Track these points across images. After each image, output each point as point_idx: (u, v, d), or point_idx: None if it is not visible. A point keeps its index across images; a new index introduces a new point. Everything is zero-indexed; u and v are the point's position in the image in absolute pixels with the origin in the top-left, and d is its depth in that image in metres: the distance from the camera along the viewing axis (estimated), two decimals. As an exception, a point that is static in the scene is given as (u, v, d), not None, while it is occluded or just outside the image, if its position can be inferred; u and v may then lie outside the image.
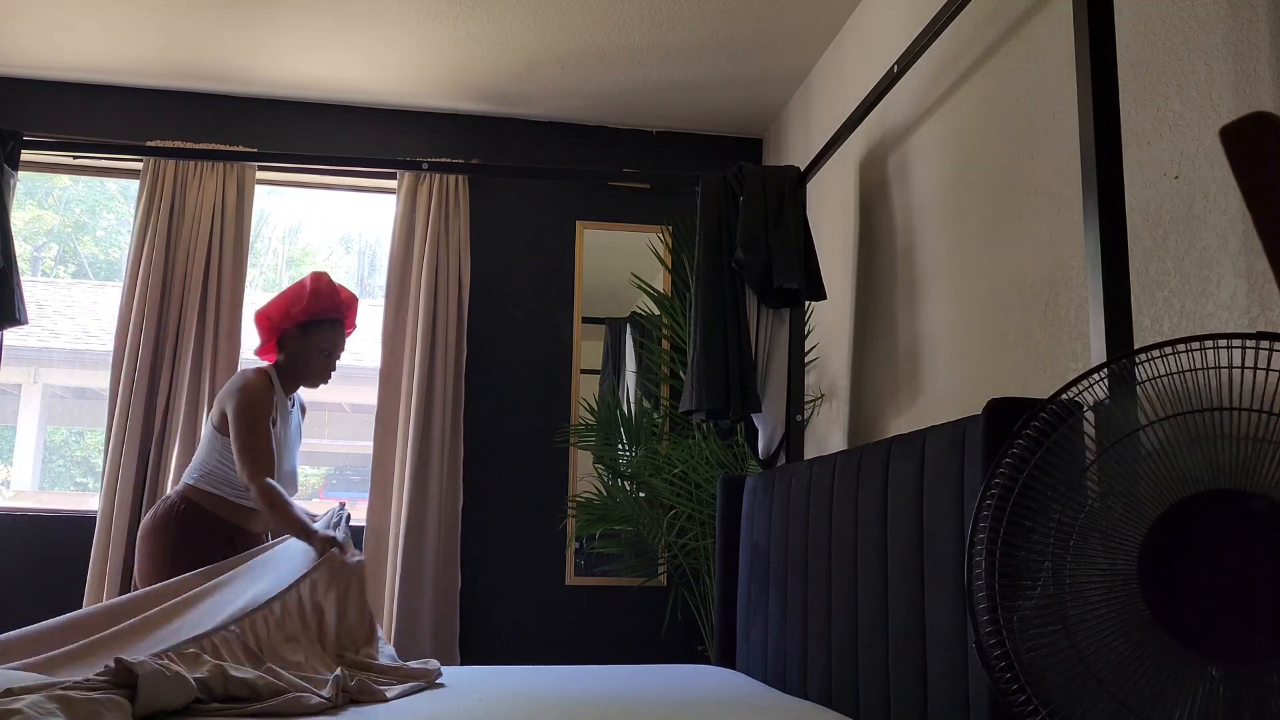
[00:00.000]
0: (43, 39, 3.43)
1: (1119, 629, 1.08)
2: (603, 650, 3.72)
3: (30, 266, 6.67)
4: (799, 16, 3.21)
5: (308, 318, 2.72)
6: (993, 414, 1.48)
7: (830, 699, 2.05)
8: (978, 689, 1.47)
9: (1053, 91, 2.02)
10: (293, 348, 2.74)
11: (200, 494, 2.64)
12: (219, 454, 2.65)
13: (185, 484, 2.67)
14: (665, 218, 4.00)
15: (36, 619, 3.46)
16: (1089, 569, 1.12)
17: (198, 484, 2.65)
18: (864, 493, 1.95)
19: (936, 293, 2.48)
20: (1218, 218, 1.54)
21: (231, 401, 2.61)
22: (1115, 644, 1.08)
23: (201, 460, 2.68)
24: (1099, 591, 1.10)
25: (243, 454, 2.55)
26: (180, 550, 2.57)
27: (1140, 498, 1.10)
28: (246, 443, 2.55)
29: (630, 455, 3.51)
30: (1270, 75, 1.46)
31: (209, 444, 2.68)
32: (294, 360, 2.74)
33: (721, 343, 2.74)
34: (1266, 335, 1.05)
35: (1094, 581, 1.11)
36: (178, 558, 2.56)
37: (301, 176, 3.91)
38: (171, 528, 2.59)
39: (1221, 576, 1.04)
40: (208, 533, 2.61)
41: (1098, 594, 1.10)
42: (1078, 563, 1.12)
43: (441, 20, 3.27)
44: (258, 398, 2.61)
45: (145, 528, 2.65)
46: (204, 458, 2.68)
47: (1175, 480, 1.09)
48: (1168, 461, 1.10)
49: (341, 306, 2.78)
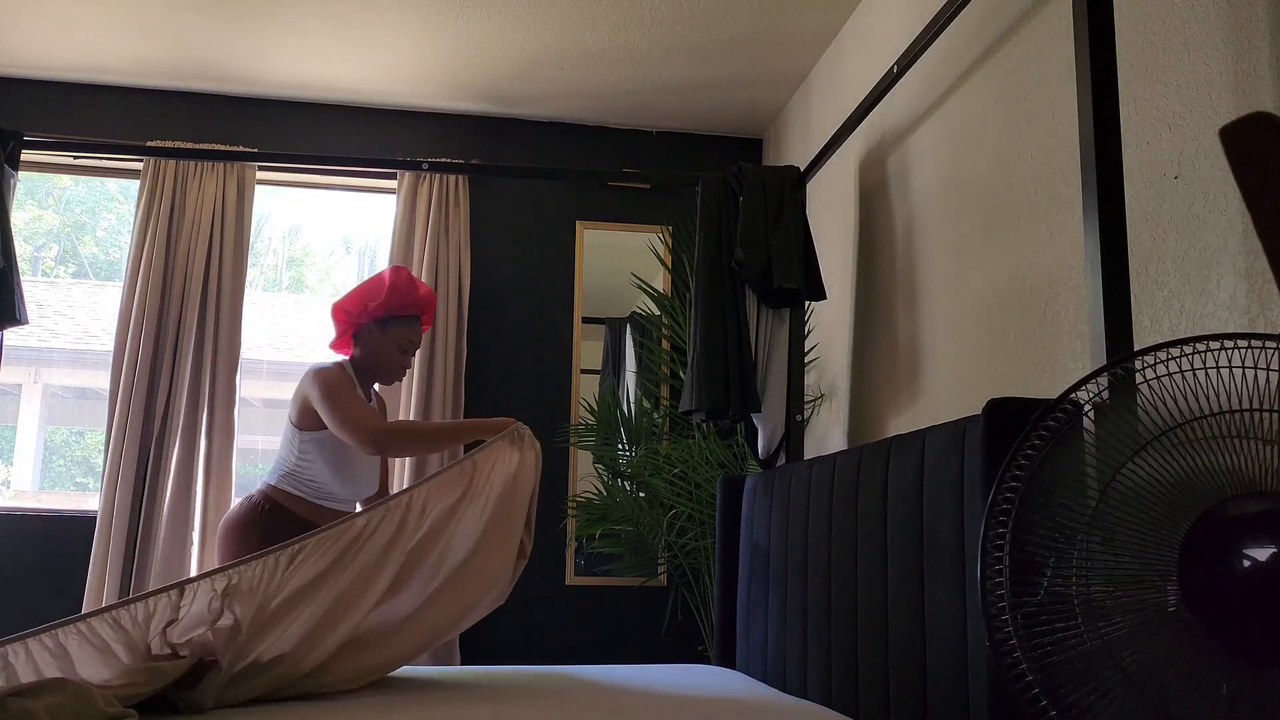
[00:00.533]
0: (43, 39, 3.43)
1: (1152, 628, 1.07)
2: (603, 650, 3.71)
3: (30, 266, 6.67)
4: (799, 16, 3.21)
5: (385, 313, 2.63)
6: (993, 414, 1.48)
7: (830, 699, 2.05)
8: (978, 689, 1.47)
9: (1053, 91, 2.02)
10: (370, 343, 2.65)
11: (281, 494, 2.58)
12: (297, 452, 2.58)
13: (266, 484, 2.62)
14: (665, 218, 4.00)
15: (36, 619, 3.46)
16: (1128, 571, 1.10)
17: (278, 484, 2.59)
18: (864, 493, 1.95)
19: (936, 293, 2.48)
20: (1218, 218, 1.54)
21: (313, 390, 2.50)
22: (1150, 644, 1.07)
23: (280, 460, 2.62)
24: (1139, 594, 1.09)
25: (344, 426, 2.42)
26: (256, 550, 2.51)
27: (1176, 498, 1.09)
28: (340, 414, 2.42)
29: (630, 455, 3.51)
30: (1270, 75, 1.46)
31: (287, 443, 2.61)
32: (370, 355, 2.65)
33: (721, 343, 2.74)
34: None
35: (1133, 583, 1.10)
36: (236, 554, 2.50)
37: (301, 177, 3.91)
38: (257, 526, 2.53)
39: (1255, 577, 1.03)
40: (289, 533, 2.49)
41: (1138, 597, 1.09)
42: (1115, 564, 1.11)
43: (441, 20, 3.27)
44: (337, 379, 2.52)
45: (226, 525, 2.60)
46: (282, 457, 2.62)
47: (1212, 482, 1.08)
48: (1206, 462, 1.09)
49: (420, 302, 2.69)
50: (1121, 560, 1.11)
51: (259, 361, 5.01)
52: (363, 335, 2.66)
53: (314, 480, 2.57)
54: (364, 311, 2.62)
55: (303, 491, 2.58)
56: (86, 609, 3.33)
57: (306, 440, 2.56)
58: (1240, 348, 1.08)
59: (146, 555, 3.39)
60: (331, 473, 2.57)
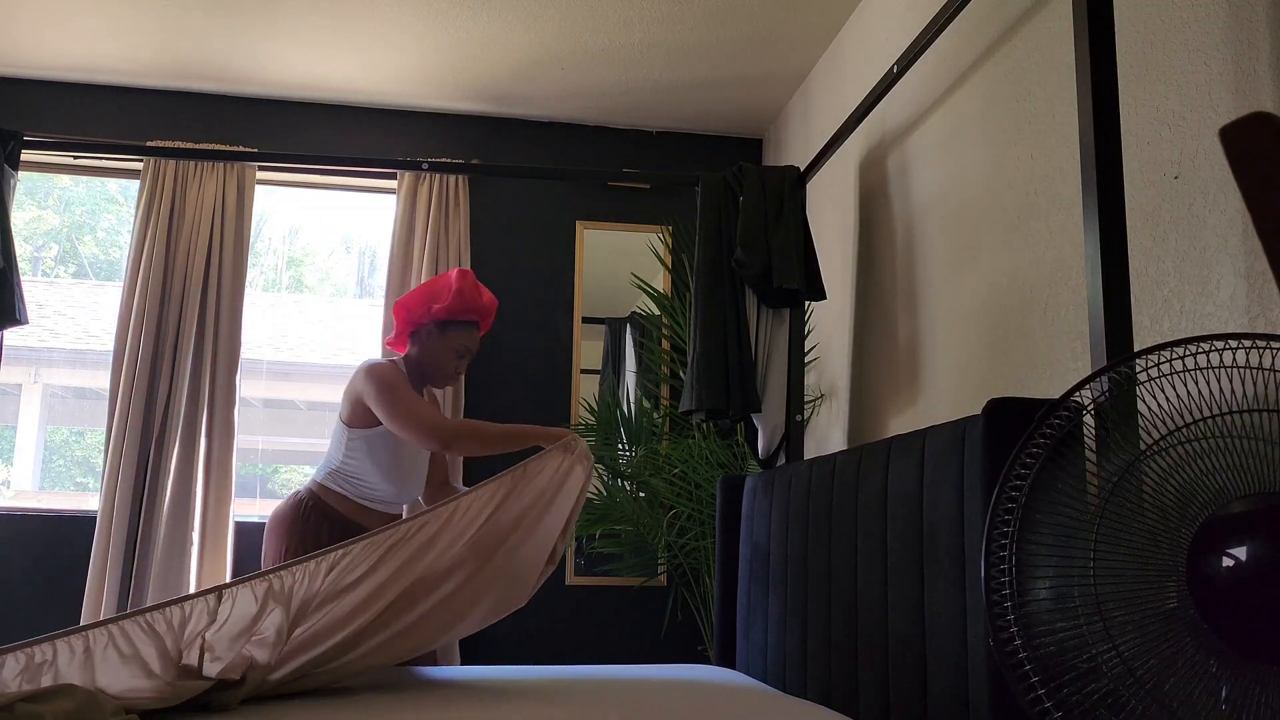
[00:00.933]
0: (43, 39, 3.43)
1: (1157, 628, 1.07)
2: (603, 650, 3.71)
3: (30, 266, 6.67)
4: (799, 16, 3.21)
5: (448, 316, 2.58)
6: (993, 414, 1.48)
7: (830, 699, 2.05)
8: (978, 689, 1.47)
9: (1053, 91, 2.02)
10: (428, 344, 2.61)
11: (325, 491, 2.55)
12: (345, 450, 2.54)
13: (313, 481, 2.60)
14: (665, 218, 4.00)
15: (36, 619, 3.47)
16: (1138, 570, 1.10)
17: (323, 482, 2.56)
18: (864, 493, 1.95)
19: (936, 292, 2.48)
20: (1218, 218, 1.54)
21: (367, 387, 2.46)
22: (1155, 644, 1.07)
23: (328, 458, 2.60)
24: (1137, 590, 1.09)
25: (407, 421, 2.38)
26: (298, 548, 2.49)
27: (1180, 499, 1.09)
28: (401, 409, 2.38)
29: (630, 455, 3.51)
30: (1270, 75, 1.46)
31: (335, 441, 2.58)
32: (427, 357, 2.62)
33: (721, 343, 2.74)
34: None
35: (1142, 583, 1.10)
36: (298, 552, 2.48)
37: (301, 177, 3.91)
38: (297, 523, 2.52)
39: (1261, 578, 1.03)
40: (332, 532, 2.51)
41: (1136, 593, 1.09)
42: (1108, 560, 1.11)
43: (441, 20, 3.27)
44: (394, 375, 2.48)
45: (272, 520, 2.59)
46: (330, 455, 2.59)
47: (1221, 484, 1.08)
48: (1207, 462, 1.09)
49: (483, 309, 2.65)
50: (1125, 561, 1.11)
51: (259, 361, 5.01)
52: (421, 335, 2.62)
53: (359, 479, 2.55)
54: (426, 311, 2.58)
55: (347, 490, 2.55)
56: (86, 609, 3.33)
57: (355, 438, 2.53)
58: (1245, 348, 1.08)
59: (146, 555, 3.39)
60: (379, 473, 2.55)
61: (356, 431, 2.52)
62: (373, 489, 2.56)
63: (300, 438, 5.85)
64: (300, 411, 5.74)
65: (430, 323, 2.60)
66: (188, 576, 3.40)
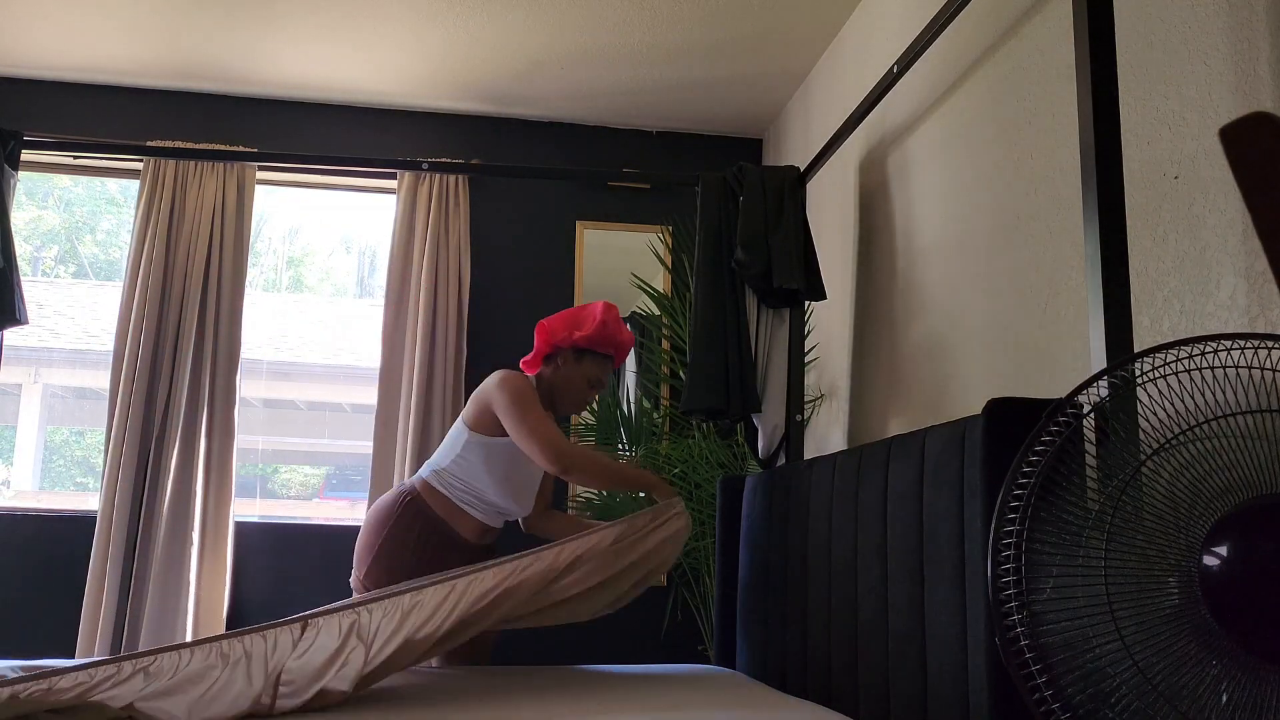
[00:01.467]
0: (43, 39, 3.43)
1: (1163, 628, 1.07)
2: (603, 650, 3.71)
3: (30, 266, 6.67)
4: (799, 16, 3.21)
5: (587, 345, 2.61)
6: (993, 414, 1.48)
7: (830, 699, 2.05)
8: (978, 689, 1.47)
9: (1053, 91, 2.02)
10: (563, 369, 2.63)
11: (428, 489, 2.56)
12: (460, 451, 2.54)
13: (418, 478, 2.60)
14: (665, 218, 4.00)
15: (36, 619, 3.47)
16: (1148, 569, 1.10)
17: (428, 480, 2.57)
18: (864, 493, 1.95)
19: (936, 293, 2.48)
20: (1218, 218, 1.54)
21: (500, 396, 2.47)
22: (1162, 643, 1.07)
23: (438, 457, 2.60)
24: (1144, 590, 1.09)
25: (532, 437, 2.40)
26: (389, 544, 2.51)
27: (1193, 498, 1.09)
28: (530, 425, 2.41)
29: (630, 455, 3.51)
30: (1270, 75, 1.46)
31: (451, 442, 2.58)
32: (559, 381, 2.64)
33: (721, 343, 2.74)
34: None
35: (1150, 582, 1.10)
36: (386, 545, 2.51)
37: (301, 176, 3.92)
38: (392, 516, 2.53)
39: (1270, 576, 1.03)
40: (423, 530, 2.52)
41: (1143, 593, 1.09)
42: (1119, 558, 1.11)
43: (442, 20, 3.27)
44: (529, 391, 2.49)
45: (372, 510, 2.61)
46: (441, 454, 2.59)
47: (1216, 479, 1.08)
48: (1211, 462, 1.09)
49: (622, 345, 2.67)
50: (1136, 561, 1.11)
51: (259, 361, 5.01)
52: (557, 359, 2.64)
53: (467, 483, 2.54)
54: (567, 337, 2.61)
55: (449, 492, 2.54)
56: (86, 609, 3.33)
57: (474, 442, 2.52)
58: (1251, 348, 1.08)
59: (146, 555, 3.39)
60: (490, 481, 2.54)
61: (477, 437, 2.52)
62: (477, 496, 2.55)
63: (300, 438, 5.85)
64: (300, 411, 5.74)
65: (569, 349, 2.62)
66: (188, 576, 3.40)
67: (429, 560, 2.49)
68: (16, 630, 3.46)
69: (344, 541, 3.66)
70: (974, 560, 1.51)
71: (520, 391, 2.47)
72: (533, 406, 2.45)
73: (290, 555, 3.65)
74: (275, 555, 3.64)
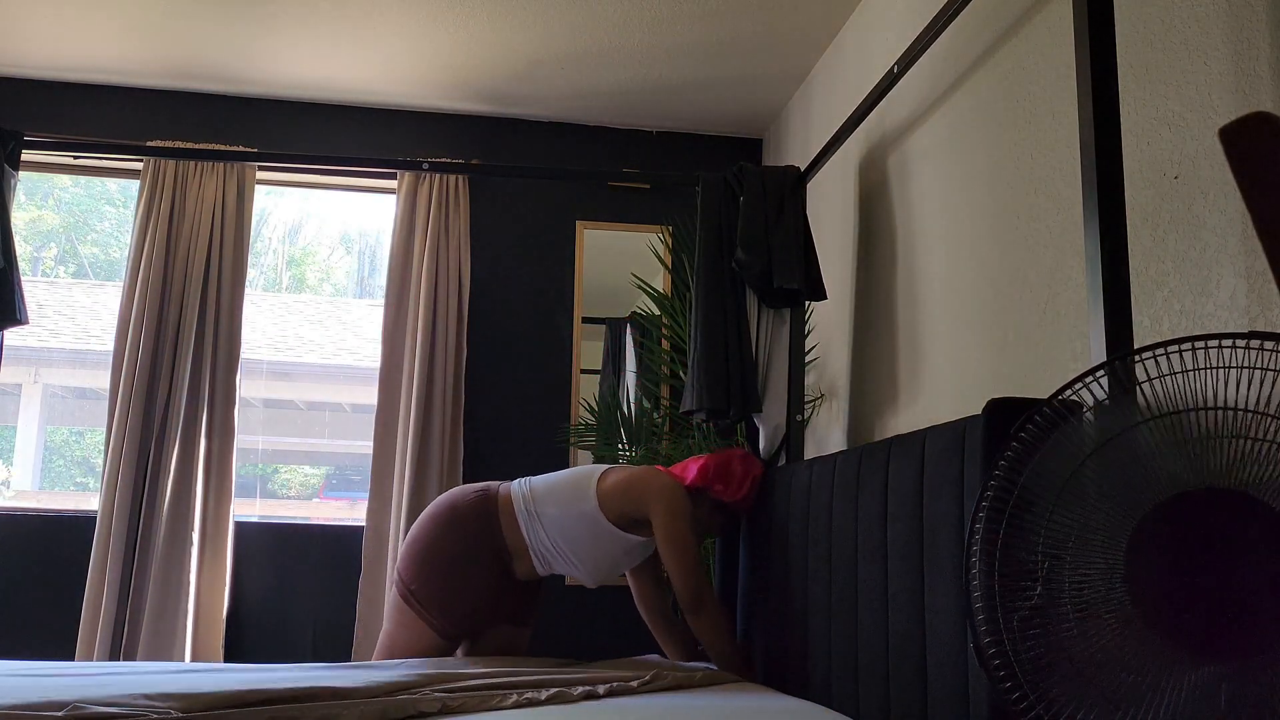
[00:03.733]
0: (43, 39, 3.43)
1: (1110, 629, 1.09)
2: (603, 650, 3.71)
3: (30, 266, 6.67)
4: (799, 16, 3.21)
5: (730, 502, 2.60)
6: (993, 414, 1.48)
7: (830, 699, 2.05)
8: (978, 689, 1.47)
9: (1053, 91, 2.02)
10: (701, 507, 2.59)
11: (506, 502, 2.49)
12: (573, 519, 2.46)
13: (506, 485, 2.54)
14: (665, 218, 4.00)
15: (36, 619, 3.47)
16: (1086, 569, 1.12)
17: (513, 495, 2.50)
18: (864, 493, 1.95)
19: (936, 293, 2.48)
20: (1218, 218, 1.54)
21: (660, 504, 2.45)
22: (1107, 643, 1.08)
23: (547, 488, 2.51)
24: (1095, 592, 1.10)
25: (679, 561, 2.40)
26: (443, 541, 2.45)
27: (1130, 496, 1.10)
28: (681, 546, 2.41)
29: (630, 455, 3.51)
30: (1270, 75, 1.46)
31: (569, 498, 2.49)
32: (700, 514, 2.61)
33: (721, 343, 2.74)
34: (1259, 335, 1.06)
35: (1090, 581, 1.11)
36: (434, 544, 2.45)
37: (301, 176, 3.91)
38: (451, 517, 2.48)
39: (1211, 575, 1.04)
40: (479, 540, 2.45)
41: (1094, 594, 1.11)
42: (1076, 563, 1.12)
43: (441, 20, 3.27)
44: (686, 508, 2.47)
45: (433, 507, 2.54)
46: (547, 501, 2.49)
47: (1163, 479, 1.09)
48: (1157, 461, 1.10)
49: (746, 510, 2.66)
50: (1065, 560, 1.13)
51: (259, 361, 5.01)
52: (698, 498, 2.59)
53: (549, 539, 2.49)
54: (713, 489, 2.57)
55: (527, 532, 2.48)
56: (86, 609, 3.33)
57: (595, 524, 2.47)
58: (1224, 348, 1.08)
59: (146, 555, 3.39)
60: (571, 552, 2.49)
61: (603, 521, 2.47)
62: (548, 553, 2.50)
63: (300, 438, 5.85)
64: (300, 411, 5.74)
65: (713, 495, 2.59)
66: (188, 577, 3.40)
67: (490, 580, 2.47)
68: (16, 630, 3.46)
69: (344, 542, 3.66)
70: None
71: (681, 509, 2.46)
72: (688, 527, 2.44)
73: (290, 555, 3.65)
74: (275, 555, 3.64)
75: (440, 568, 2.45)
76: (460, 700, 1.82)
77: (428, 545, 2.49)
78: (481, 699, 1.84)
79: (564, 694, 1.92)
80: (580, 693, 1.94)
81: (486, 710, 1.79)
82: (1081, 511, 1.13)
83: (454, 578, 2.45)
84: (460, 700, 1.82)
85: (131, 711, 1.56)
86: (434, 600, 2.43)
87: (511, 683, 1.99)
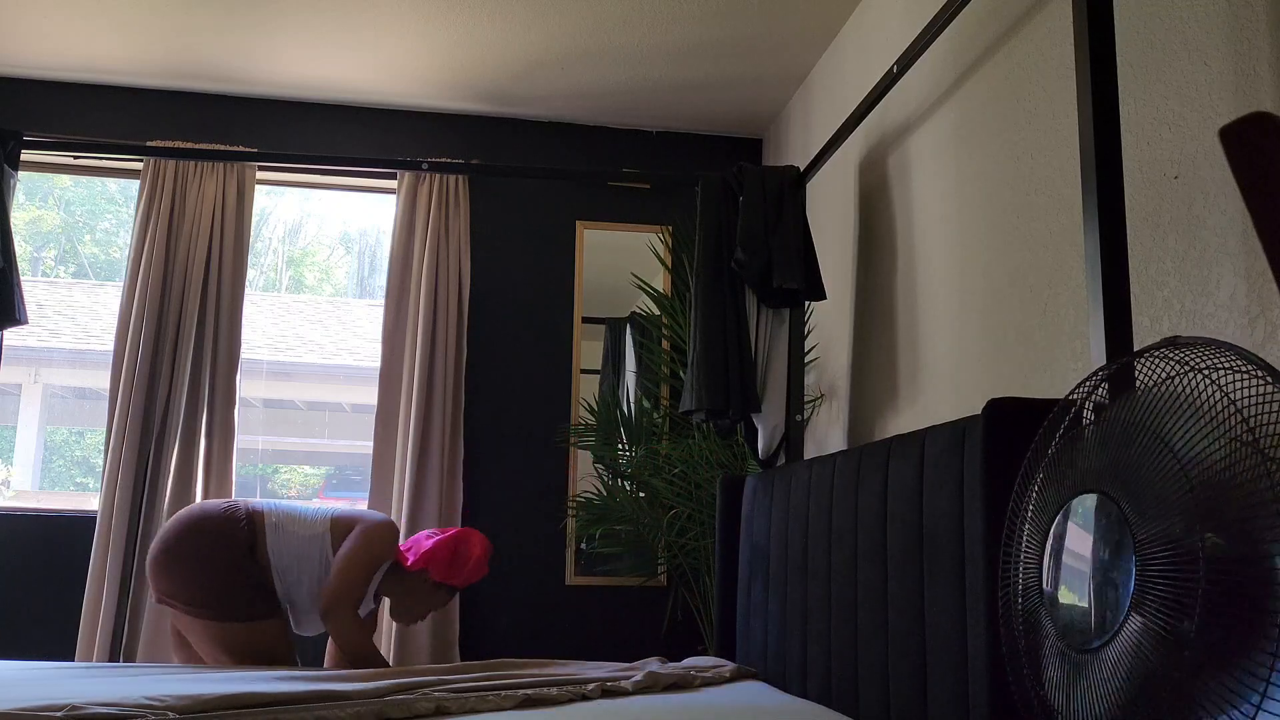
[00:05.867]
0: (43, 39, 3.43)
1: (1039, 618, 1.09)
2: (603, 650, 3.71)
3: (30, 266, 6.67)
4: (799, 16, 3.21)
5: (451, 584, 2.81)
6: (993, 414, 1.48)
7: (830, 699, 2.05)
8: (978, 689, 1.47)
9: (1053, 91, 2.02)
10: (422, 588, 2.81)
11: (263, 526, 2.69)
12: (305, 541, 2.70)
13: (255, 508, 2.71)
14: (665, 218, 4.00)
15: (36, 619, 3.47)
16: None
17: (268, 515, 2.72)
18: (864, 493, 1.95)
19: (936, 293, 2.48)
20: (1218, 218, 1.54)
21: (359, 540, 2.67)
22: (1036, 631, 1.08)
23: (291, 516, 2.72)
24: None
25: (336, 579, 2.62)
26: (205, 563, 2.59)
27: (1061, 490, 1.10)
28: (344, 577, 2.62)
29: (630, 455, 3.51)
30: (1270, 75, 1.46)
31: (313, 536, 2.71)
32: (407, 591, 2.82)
33: (721, 343, 2.74)
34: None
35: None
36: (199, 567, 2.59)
37: (301, 176, 3.91)
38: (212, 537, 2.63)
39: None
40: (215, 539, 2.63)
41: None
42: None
43: (441, 20, 3.27)
44: (382, 558, 2.69)
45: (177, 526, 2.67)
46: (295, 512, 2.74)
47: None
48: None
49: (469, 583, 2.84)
50: None
51: (259, 361, 5.01)
52: (428, 573, 2.79)
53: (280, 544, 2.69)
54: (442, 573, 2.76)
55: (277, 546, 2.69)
56: (86, 609, 3.33)
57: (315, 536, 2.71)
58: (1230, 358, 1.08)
59: (146, 555, 3.39)
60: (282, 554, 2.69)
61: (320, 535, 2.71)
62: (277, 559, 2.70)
63: (300, 438, 5.85)
64: (300, 411, 5.74)
65: (430, 574, 2.78)
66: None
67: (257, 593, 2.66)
68: (16, 630, 3.46)
69: (344, 541, 3.66)
70: (974, 560, 1.51)
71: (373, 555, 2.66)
72: (367, 570, 2.65)
73: (290, 555, 3.65)
74: (275, 555, 3.64)
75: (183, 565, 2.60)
76: (456, 701, 1.82)
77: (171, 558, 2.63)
78: (478, 700, 1.84)
79: (561, 694, 1.92)
80: (578, 693, 1.94)
81: (483, 711, 1.80)
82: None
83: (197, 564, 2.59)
84: (456, 701, 1.82)
85: (130, 713, 1.56)
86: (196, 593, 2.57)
87: (509, 683, 1.99)
